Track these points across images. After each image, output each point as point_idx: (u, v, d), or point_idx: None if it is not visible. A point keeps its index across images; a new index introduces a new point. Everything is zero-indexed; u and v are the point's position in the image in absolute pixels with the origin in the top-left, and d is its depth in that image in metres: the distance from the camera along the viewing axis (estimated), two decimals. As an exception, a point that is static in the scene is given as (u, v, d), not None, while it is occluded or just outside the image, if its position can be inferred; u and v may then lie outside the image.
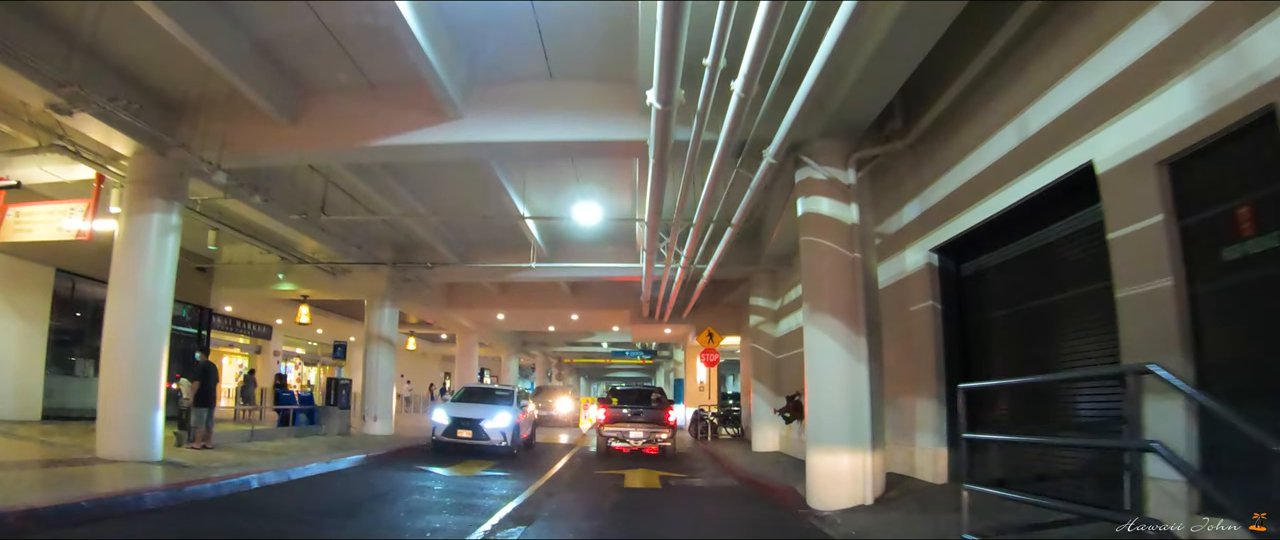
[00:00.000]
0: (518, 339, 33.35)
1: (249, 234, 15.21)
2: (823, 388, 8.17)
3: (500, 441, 13.66)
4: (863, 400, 7.92)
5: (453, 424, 13.83)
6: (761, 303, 16.24)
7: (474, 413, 14.02)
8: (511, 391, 16.03)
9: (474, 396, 15.64)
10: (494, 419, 13.84)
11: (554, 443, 18.14)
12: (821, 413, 8.15)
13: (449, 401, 16.16)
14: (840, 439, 7.86)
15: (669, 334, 24.26)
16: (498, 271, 17.47)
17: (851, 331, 8.04)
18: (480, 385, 17.47)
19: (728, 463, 13.35)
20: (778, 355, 15.81)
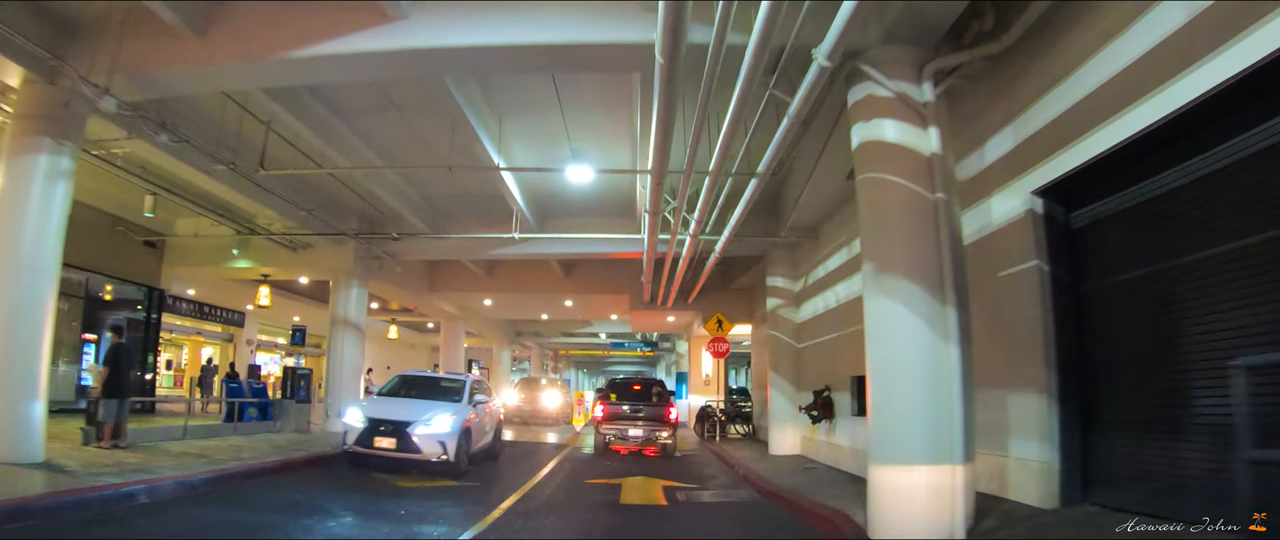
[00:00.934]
0: (510, 329, 31.21)
1: (194, 200, 13.12)
2: (894, 378, 6.02)
3: (436, 455, 9.51)
4: (951, 395, 5.77)
5: (368, 429, 9.53)
6: (780, 284, 14.09)
7: (400, 412, 9.85)
8: (462, 382, 11.44)
9: (409, 389, 11.40)
10: (429, 423, 9.62)
11: (540, 444, 15.98)
12: (891, 412, 6.01)
13: (373, 395, 13.27)
14: (917, 448, 5.74)
15: (672, 322, 22.13)
16: (477, 247, 15.33)
17: (934, 300, 5.89)
18: (421, 373, 12.74)
19: (743, 469, 11.21)
20: (799, 344, 13.66)
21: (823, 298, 12.25)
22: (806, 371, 13.30)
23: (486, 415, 11.73)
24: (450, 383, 11.69)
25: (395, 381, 11.85)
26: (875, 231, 6.40)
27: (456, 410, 10.18)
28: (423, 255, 16.30)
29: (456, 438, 9.76)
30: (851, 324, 10.68)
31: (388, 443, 9.45)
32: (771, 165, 8.55)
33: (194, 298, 23.13)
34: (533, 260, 18.94)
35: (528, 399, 22.38)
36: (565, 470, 11.31)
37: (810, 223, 12.57)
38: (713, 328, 16.83)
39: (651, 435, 13.88)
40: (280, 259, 16.16)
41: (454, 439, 9.71)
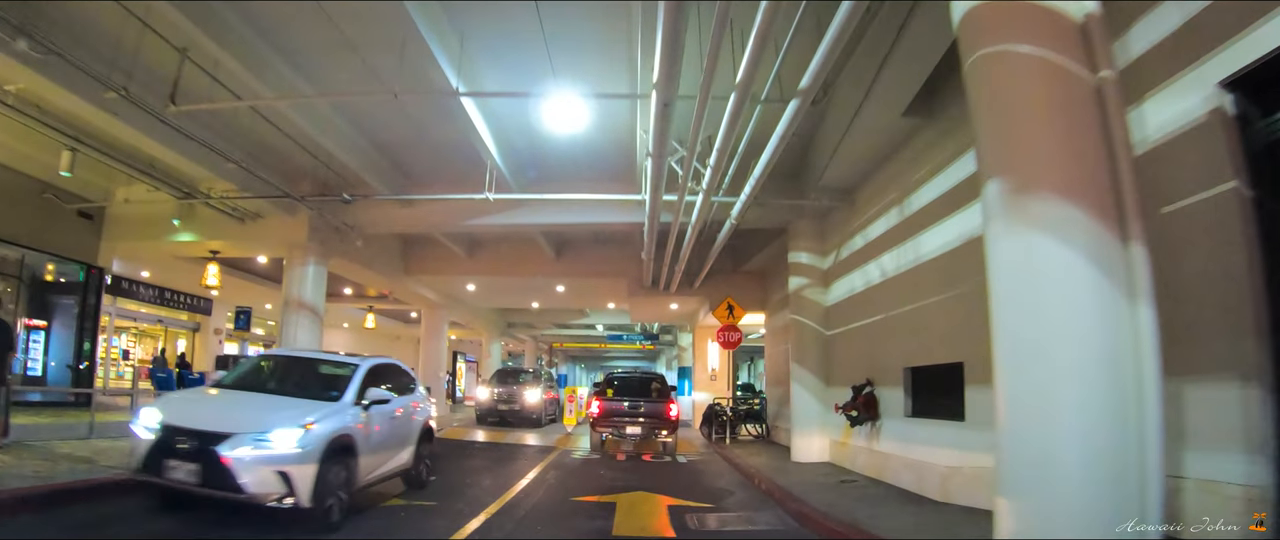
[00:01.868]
0: (500, 320, 29.03)
1: (123, 159, 11.02)
2: (1043, 360, 3.84)
3: (271, 494, 5.42)
4: (1142, 386, 3.64)
5: (158, 445, 5.53)
6: (805, 260, 11.92)
7: (216, 417, 5.81)
8: (351, 367, 7.15)
9: (267, 377, 7.32)
10: (260, 439, 5.50)
11: (521, 448, 13.80)
12: (1038, 415, 3.83)
13: (197, 388, 9.95)
14: (1086, 474, 3.59)
15: (675, 311, 19.96)
16: (448, 215, 13.15)
17: (1107, 234, 3.76)
18: (288, 353, 8.69)
19: (766, 482, 9.06)
20: (828, 331, 11.50)
21: (862, 273, 10.08)
22: (838, 363, 11.14)
23: (398, 422, 7.43)
24: (333, 368, 7.43)
25: (249, 365, 7.90)
26: (1004, 133, 4.21)
27: (326, 416, 6.00)
28: (388, 227, 14.13)
29: (312, 464, 5.57)
30: (904, 302, 8.52)
31: (186, 470, 5.34)
32: (816, 82, 6.38)
33: (151, 281, 21.04)
34: (518, 238, 16.78)
35: (504, 395, 18.57)
36: (547, 483, 9.16)
37: (846, 183, 10.40)
38: (722, 315, 14.66)
39: (651, 434, 13.14)
40: (228, 231, 14.01)
41: (306, 466, 5.52)
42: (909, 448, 8.27)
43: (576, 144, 10.55)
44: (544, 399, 18.97)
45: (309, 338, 13.88)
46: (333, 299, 22.43)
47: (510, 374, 20.45)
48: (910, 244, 8.51)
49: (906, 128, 8.39)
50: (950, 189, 7.61)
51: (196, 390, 9.15)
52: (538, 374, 20.87)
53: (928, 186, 8.13)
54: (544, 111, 8.80)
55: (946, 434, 7.51)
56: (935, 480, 7.38)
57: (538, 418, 18.50)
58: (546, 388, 20.07)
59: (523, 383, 19.30)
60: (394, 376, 7.90)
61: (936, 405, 7.94)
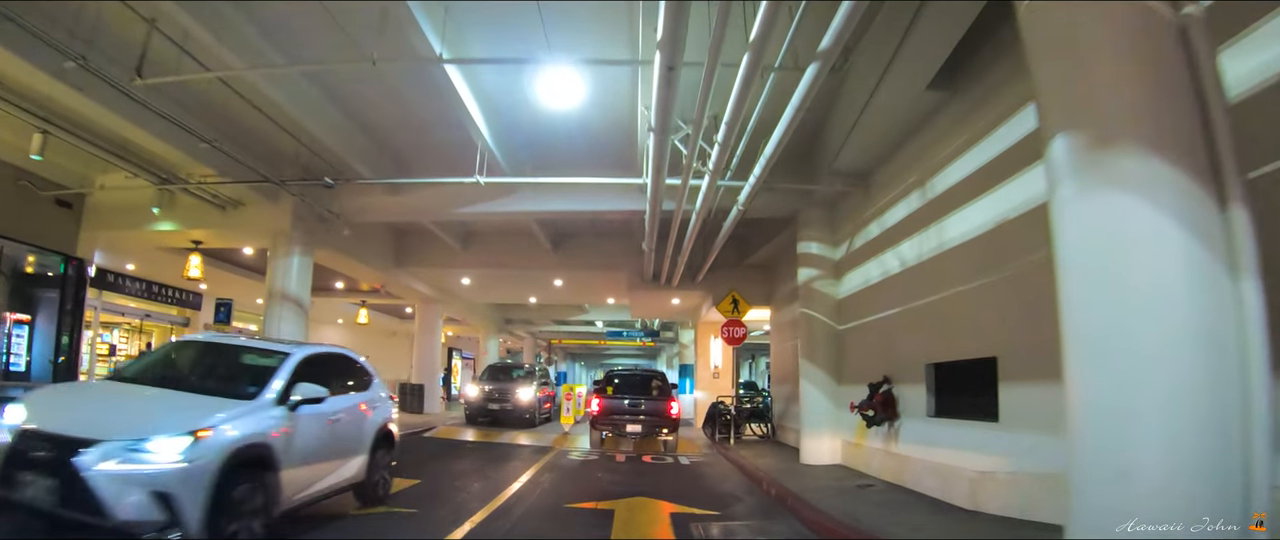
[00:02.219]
0: (497, 316, 28.39)
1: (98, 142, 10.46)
2: (1121, 344, 3.24)
3: (147, 518, 4.08)
4: (1249, 376, 3.02)
5: (13, 450, 4.28)
6: (815, 250, 11.28)
7: (84, 417, 4.54)
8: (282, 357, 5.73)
9: (170, 370, 5.86)
10: (136, 449, 4.19)
11: (515, 448, 13.15)
12: (1119, 413, 3.21)
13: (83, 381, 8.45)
14: (1178, 479, 2.97)
15: (676, 306, 19.30)
16: (437, 202, 12.52)
17: (1198, 192, 3.16)
18: (209, 338, 6.65)
19: (775, 486, 8.43)
20: (840, 326, 10.85)
21: (878, 263, 9.43)
22: (852, 359, 10.50)
23: (344, 426, 6.07)
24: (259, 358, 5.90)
25: (158, 353, 6.76)
26: (1074, 79, 3.57)
27: (233, 418, 4.71)
28: (376, 216, 13.46)
29: (203, 482, 4.29)
30: (926, 293, 7.89)
31: (41, 487, 4.12)
32: (837, 44, 5.74)
33: (138, 274, 20.41)
34: (514, 230, 16.15)
35: (495, 393, 17.16)
36: (541, 486, 8.52)
37: (860, 167, 9.74)
38: (727, 310, 14.01)
39: (652, 432, 13.02)
40: (209, 220, 13.40)
41: (195, 484, 4.25)
42: (932, 450, 7.63)
43: (573, 124, 9.90)
44: (538, 397, 17.76)
45: (293, 331, 13.24)
46: (324, 293, 21.80)
47: (502, 370, 19.21)
48: (933, 230, 7.86)
49: (930, 103, 7.74)
50: (980, 168, 6.97)
51: (81, 384, 8.30)
52: (532, 371, 19.61)
53: (954, 166, 7.49)
54: (538, 85, 8.17)
55: (976, 436, 6.87)
56: (963, 486, 6.73)
57: (531, 417, 17.21)
58: (541, 385, 18.90)
59: (516, 380, 18.01)
60: (340, 370, 6.58)
61: (964, 404, 7.29)
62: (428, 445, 12.76)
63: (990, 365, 6.68)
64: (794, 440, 13.40)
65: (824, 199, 11.00)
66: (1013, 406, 6.35)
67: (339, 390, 6.19)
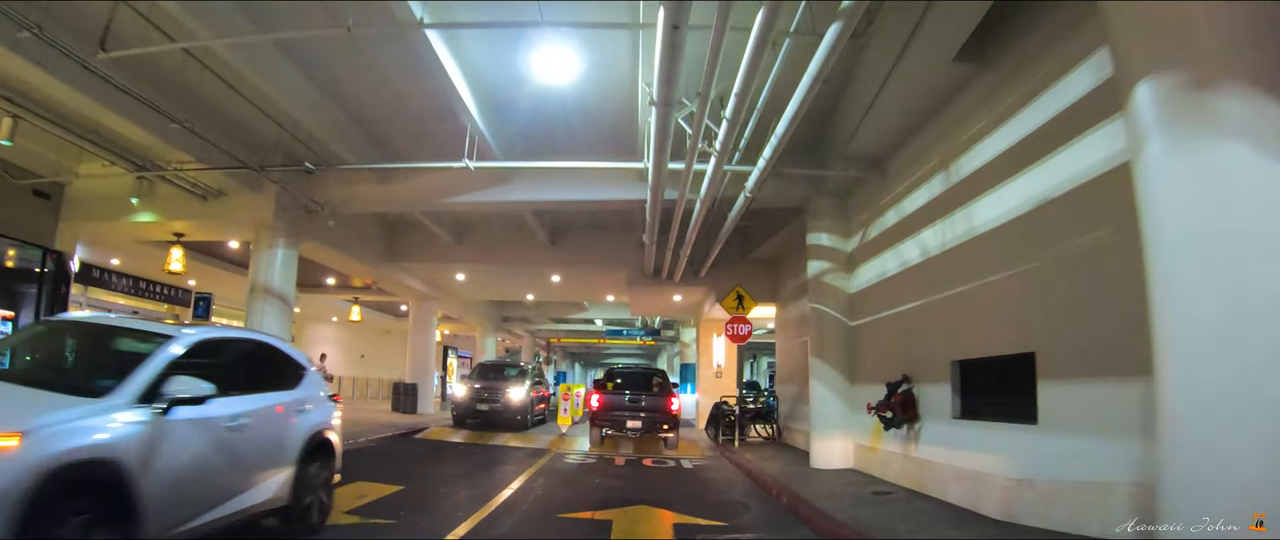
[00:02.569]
0: (494, 313, 27.76)
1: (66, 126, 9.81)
2: (1233, 333, 2.62)
3: None
4: None
5: None
6: (826, 241, 10.65)
7: None
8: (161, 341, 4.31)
9: (23, 356, 4.85)
10: None
11: (508, 451, 12.51)
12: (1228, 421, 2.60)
13: None
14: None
15: (678, 303, 18.68)
16: (425, 191, 11.91)
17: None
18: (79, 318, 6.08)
19: (786, 492, 7.82)
20: (853, 321, 10.23)
21: (896, 254, 8.81)
22: (866, 357, 9.87)
23: (252, 434, 4.74)
24: (136, 342, 4.52)
25: (22, 335, 6.18)
26: (1163, 13, 2.95)
27: (61, 424, 3.40)
28: (363, 206, 12.83)
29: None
30: (951, 284, 7.27)
31: None
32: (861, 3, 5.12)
33: (125, 270, 19.87)
34: (509, 223, 15.54)
35: (485, 392, 15.71)
36: (534, 493, 7.90)
37: (877, 151, 9.12)
38: (731, 306, 13.38)
39: (652, 429, 12.93)
40: (190, 211, 12.80)
41: None
42: (958, 455, 7.00)
43: (569, 103, 9.27)
44: (531, 398, 16.39)
45: (277, 328, 12.60)
46: (314, 290, 21.21)
47: (494, 369, 17.94)
48: (959, 216, 7.24)
49: (956, 77, 7.11)
50: (1014, 145, 6.35)
51: None
52: (525, 369, 17.94)
53: (983, 145, 6.86)
54: (530, 59, 7.56)
55: (1010, 439, 6.24)
56: (995, 495, 6.12)
57: (523, 418, 15.86)
58: (535, 385, 17.54)
59: (507, 379, 16.70)
60: (253, 363, 5.25)
61: (995, 405, 6.67)
62: (416, 447, 12.14)
63: (1026, 362, 6.05)
64: (801, 442, 12.79)
65: (836, 187, 10.38)
66: (1054, 407, 5.72)
67: (248, 387, 4.88)
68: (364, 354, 31.20)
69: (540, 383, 18.76)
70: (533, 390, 16.72)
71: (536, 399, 17.42)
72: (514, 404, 15.74)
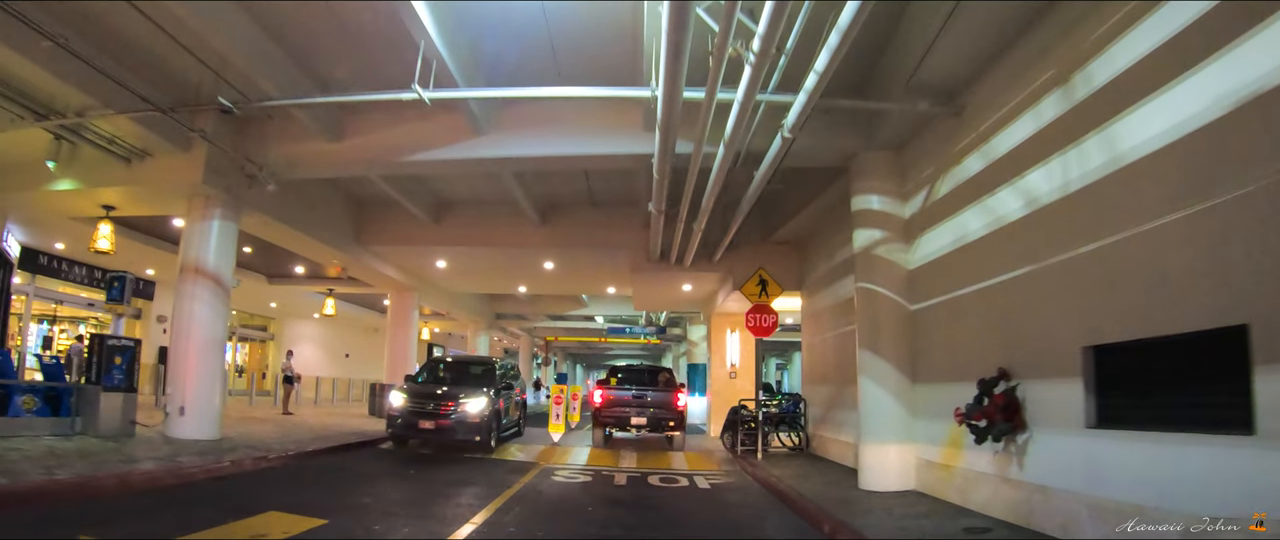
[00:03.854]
0: (486, 309, 25.64)
1: None
2: None
3: None
4: None
5: None
6: (876, 206, 8.54)
7: None
8: None
9: None
10: None
11: (483, 463, 10.42)
12: None
13: None
14: None
15: (688, 294, 16.55)
16: (383, 149, 9.83)
17: None
18: None
19: (850, 534, 5.69)
20: (914, 304, 8.12)
21: (980, 211, 6.70)
22: (932, 349, 7.75)
23: None
24: None
25: None
26: None
27: None
28: (312, 168, 10.62)
29: None
30: (1079, 240, 5.18)
31: None
32: None
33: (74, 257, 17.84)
34: (494, 198, 13.49)
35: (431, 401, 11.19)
36: (505, 531, 5.79)
37: (954, 78, 7.00)
38: (753, 292, 11.29)
39: (657, 426, 12.64)
40: (113, 175, 10.76)
41: None
42: (1097, 480, 4.90)
43: (554, 23, 7.20)
44: (495, 408, 11.58)
45: (210, 317, 10.57)
46: (284, 280, 19.21)
47: (449, 369, 13.59)
48: (1094, 143, 5.14)
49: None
50: (1196, 20, 4.26)
51: None
52: (492, 367, 13.13)
53: (1135, 33, 4.77)
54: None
55: (1194, 458, 4.14)
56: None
57: (484, 437, 11.10)
58: (504, 389, 12.70)
59: (463, 383, 12.24)
60: None
61: (1159, 407, 4.57)
62: (371, 461, 10.05)
63: (1233, 342, 3.95)
64: (836, 453, 10.68)
65: (890, 138, 8.28)
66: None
67: None
68: (348, 353, 29.13)
69: (511, 384, 13.79)
70: (500, 398, 12.09)
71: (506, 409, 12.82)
72: (471, 417, 10.97)
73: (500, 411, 12.05)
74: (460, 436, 10.91)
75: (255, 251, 16.49)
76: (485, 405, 11.22)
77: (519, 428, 14.38)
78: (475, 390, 11.50)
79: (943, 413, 7.02)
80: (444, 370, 13.50)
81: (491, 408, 11.41)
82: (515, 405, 13.88)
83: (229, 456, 8.38)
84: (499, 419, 11.95)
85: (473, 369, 13.31)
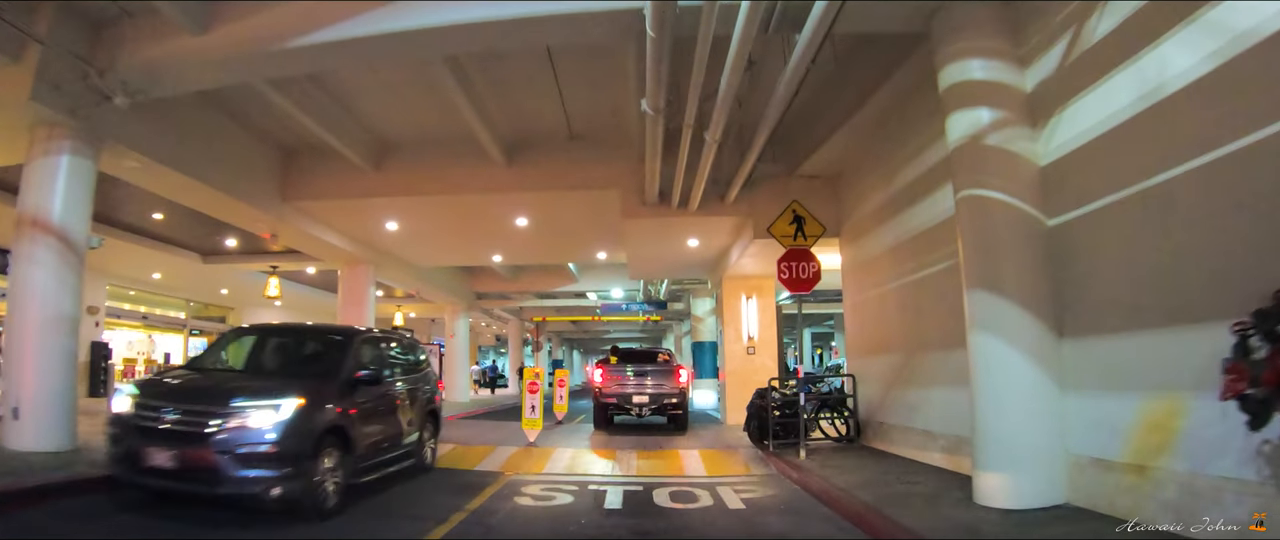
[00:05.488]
0: (464, 287, 22.71)
1: None
2: None
3: None
4: None
5: None
6: (979, 75, 5.67)
7: None
8: None
9: None
10: None
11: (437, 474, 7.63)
12: None
13: None
14: None
15: (694, 252, 13.63)
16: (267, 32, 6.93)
17: None
18: None
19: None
20: (1053, 217, 5.29)
21: (1187, 40, 3.85)
22: (1095, 279, 4.93)
23: None
24: None
25: None
26: None
27: None
28: (177, 76, 7.53)
29: None
30: None
31: None
32: None
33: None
34: (447, 135, 10.57)
35: (176, 401, 5.41)
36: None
37: None
38: (785, 233, 8.47)
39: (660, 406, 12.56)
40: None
41: None
42: None
43: None
44: (329, 426, 5.56)
45: (56, 288, 7.74)
46: (216, 258, 16.35)
47: (258, 346, 7.05)
48: None
49: None
50: None
51: None
52: (345, 344, 6.62)
53: None
54: None
55: None
56: None
57: (286, 486, 5.04)
58: (370, 383, 6.34)
59: (265, 373, 6.54)
60: None
61: None
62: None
63: None
64: (905, 446, 7.94)
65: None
66: None
67: None
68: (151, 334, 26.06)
69: (413, 373, 7.81)
70: (366, 402, 6.29)
71: (382, 422, 6.64)
72: (253, 446, 5.04)
73: (354, 431, 5.86)
74: (226, 488, 4.99)
75: (174, 218, 13.64)
76: (294, 420, 5.14)
77: (417, 458, 7.37)
78: (282, 388, 5.45)
79: (1124, 379, 4.33)
80: (254, 349, 6.98)
81: (317, 425, 5.36)
82: (418, 413, 7.45)
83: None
84: (348, 446, 5.74)
85: (306, 346, 7.13)
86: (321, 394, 5.65)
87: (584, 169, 10.96)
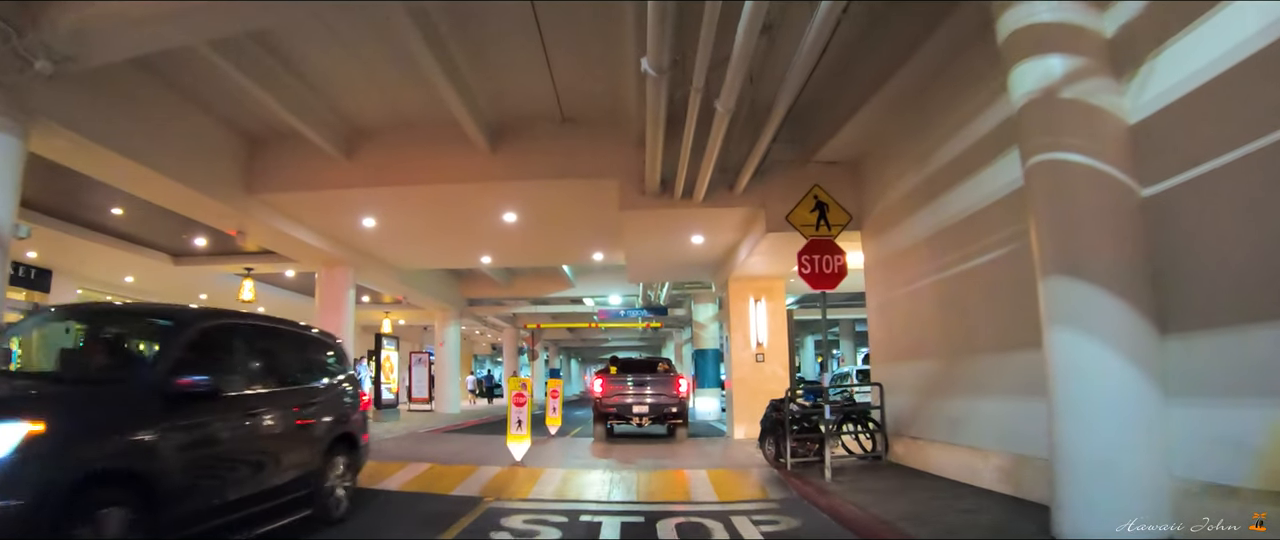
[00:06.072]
0: (454, 292, 21.67)
1: None
2: None
3: None
4: None
5: None
6: (1047, 17, 4.67)
7: None
8: None
9: None
10: None
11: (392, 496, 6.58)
12: None
13: None
14: None
15: (699, 249, 12.63)
16: None
17: None
18: None
19: None
20: (1148, 186, 4.29)
21: None
22: (1203, 259, 3.93)
23: None
24: None
25: None
26: None
27: None
28: (106, 39, 6.47)
29: None
30: None
31: None
32: None
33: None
34: (425, 119, 9.59)
35: None
36: None
37: None
38: (806, 223, 7.46)
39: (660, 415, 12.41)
40: None
41: None
42: None
43: None
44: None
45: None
46: (189, 259, 15.35)
47: None
48: None
49: None
50: None
51: None
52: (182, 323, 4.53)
53: None
54: None
55: None
56: None
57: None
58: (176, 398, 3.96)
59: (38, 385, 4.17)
60: None
61: None
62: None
63: None
64: (944, 466, 6.91)
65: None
66: None
67: None
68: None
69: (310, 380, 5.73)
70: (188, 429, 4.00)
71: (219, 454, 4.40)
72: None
73: (166, 471, 3.76)
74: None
75: (136, 214, 12.66)
76: (12, 460, 3.04)
77: (315, 506, 5.25)
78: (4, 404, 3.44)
79: (1252, 384, 3.37)
80: (47, 341, 4.93)
81: (71, 466, 3.25)
82: (317, 440, 5.42)
83: None
84: (150, 497, 3.62)
85: (102, 333, 4.72)
86: (88, 414, 3.53)
87: (577, 156, 9.97)
